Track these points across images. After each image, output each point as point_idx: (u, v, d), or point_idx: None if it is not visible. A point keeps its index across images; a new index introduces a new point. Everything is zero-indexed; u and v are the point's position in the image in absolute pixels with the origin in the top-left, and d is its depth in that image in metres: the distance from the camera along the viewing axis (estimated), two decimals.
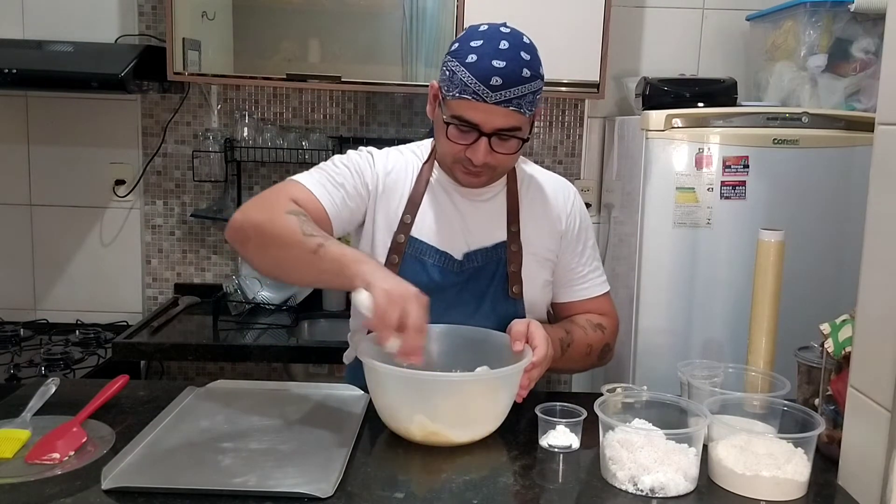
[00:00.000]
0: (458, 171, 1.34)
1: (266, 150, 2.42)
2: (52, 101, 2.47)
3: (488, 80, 1.21)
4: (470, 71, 1.23)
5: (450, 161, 1.34)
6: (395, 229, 1.37)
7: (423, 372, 1.12)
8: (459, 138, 1.28)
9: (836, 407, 1.10)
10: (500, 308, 1.38)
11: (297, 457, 1.07)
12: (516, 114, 1.25)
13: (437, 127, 1.34)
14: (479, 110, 1.24)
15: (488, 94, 1.22)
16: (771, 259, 1.25)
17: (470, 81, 1.22)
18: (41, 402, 1.20)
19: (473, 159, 1.27)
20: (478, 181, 1.34)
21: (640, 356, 2.06)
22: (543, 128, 2.56)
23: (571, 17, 2.18)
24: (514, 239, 1.39)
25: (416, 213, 1.38)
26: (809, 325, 1.18)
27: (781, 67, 2.16)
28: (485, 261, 1.38)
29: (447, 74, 1.27)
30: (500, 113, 1.24)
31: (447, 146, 1.31)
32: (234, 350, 2.13)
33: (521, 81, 1.23)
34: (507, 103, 1.23)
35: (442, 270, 1.37)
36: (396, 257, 1.36)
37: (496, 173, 1.34)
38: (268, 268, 1.30)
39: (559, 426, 1.14)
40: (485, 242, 1.38)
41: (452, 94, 1.26)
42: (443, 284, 1.35)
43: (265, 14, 2.27)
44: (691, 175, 1.96)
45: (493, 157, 1.28)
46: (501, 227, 1.39)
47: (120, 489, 0.96)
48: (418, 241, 1.37)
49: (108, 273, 2.54)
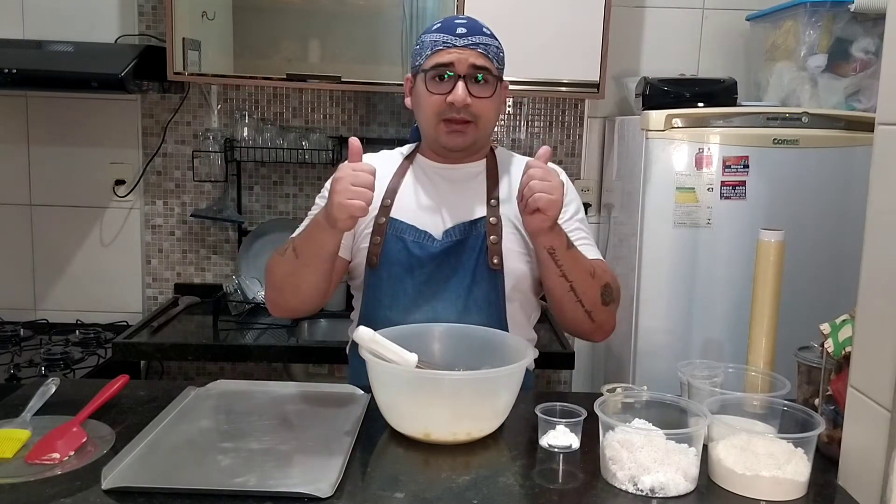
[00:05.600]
0: (442, 133, 1.41)
1: (266, 150, 2.42)
2: (52, 101, 2.47)
3: (454, 30, 1.39)
4: (436, 31, 1.40)
5: (434, 123, 1.41)
6: (377, 213, 1.43)
7: (424, 370, 1.13)
8: (438, 87, 1.39)
9: (836, 407, 1.10)
10: (480, 280, 1.41)
11: (297, 457, 1.07)
12: (485, 57, 1.39)
13: (417, 102, 1.44)
14: (451, 53, 1.38)
15: (456, 39, 1.38)
16: (771, 259, 1.25)
17: (438, 37, 1.39)
18: (41, 402, 1.20)
19: (455, 100, 1.37)
20: (463, 139, 1.41)
21: (640, 356, 2.06)
22: (543, 128, 2.56)
23: (571, 17, 2.18)
24: (494, 212, 1.44)
25: (396, 196, 1.46)
26: (809, 325, 1.18)
27: (781, 67, 2.16)
28: (464, 234, 1.42)
29: (416, 49, 1.44)
30: (470, 54, 1.38)
31: (429, 105, 1.40)
32: (234, 350, 2.13)
33: (484, 33, 1.41)
34: (474, 46, 1.38)
35: (421, 246, 1.42)
36: (378, 238, 1.43)
37: (479, 129, 1.42)
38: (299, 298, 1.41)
39: (559, 426, 1.14)
40: (465, 218, 1.43)
41: (425, 56, 1.40)
42: (422, 259, 1.41)
43: (265, 14, 2.28)
44: (691, 175, 1.96)
45: (473, 103, 1.38)
46: (482, 202, 1.45)
47: (120, 489, 0.96)
48: (398, 220, 1.43)
49: (108, 273, 2.54)
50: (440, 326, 1.33)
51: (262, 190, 2.55)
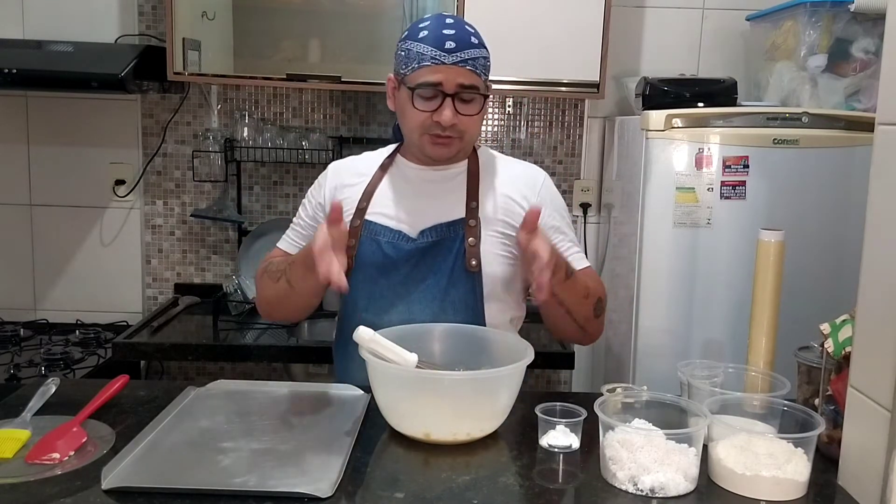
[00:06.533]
0: (427, 144, 1.39)
1: (266, 150, 2.42)
2: (52, 101, 2.47)
3: (443, 45, 1.33)
4: (424, 42, 1.34)
5: (418, 134, 1.39)
6: (352, 216, 1.43)
7: (424, 370, 1.13)
8: (425, 105, 1.35)
9: (836, 407, 1.10)
10: (456, 282, 1.40)
11: (297, 457, 1.07)
12: (473, 74, 1.35)
13: (401, 109, 1.41)
14: (439, 72, 1.33)
15: (445, 56, 1.33)
16: (771, 259, 1.25)
17: (426, 50, 1.34)
18: (41, 402, 1.20)
19: (442, 120, 1.34)
20: (447, 150, 1.40)
21: (640, 356, 2.06)
22: (543, 128, 2.56)
23: (571, 17, 2.18)
24: (473, 214, 1.42)
25: (371, 198, 1.45)
26: (809, 325, 1.18)
27: (781, 67, 2.16)
28: (441, 235, 1.41)
29: (402, 55, 1.38)
30: (458, 72, 1.34)
31: (414, 118, 1.37)
32: (234, 350, 2.13)
33: (472, 45, 1.36)
34: (463, 63, 1.34)
35: (395, 246, 1.41)
36: (353, 240, 1.41)
37: (464, 142, 1.40)
38: (291, 314, 1.51)
39: (559, 426, 1.14)
40: (442, 219, 1.42)
41: (412, 68, 1.35)
42: (396, 260, 1.40)
43: (265, 14, 2.27)
44: (691, 175, 1.96)
45: (459, 119, 1.36)
46: (461, 204, 1.43)
47: (120, 489, 0.96)
48: (372, 223, 1.43)
49: (108, 273, 2.55)
50: (440, 326, 1.33)
51: (262, 190, 2.55)
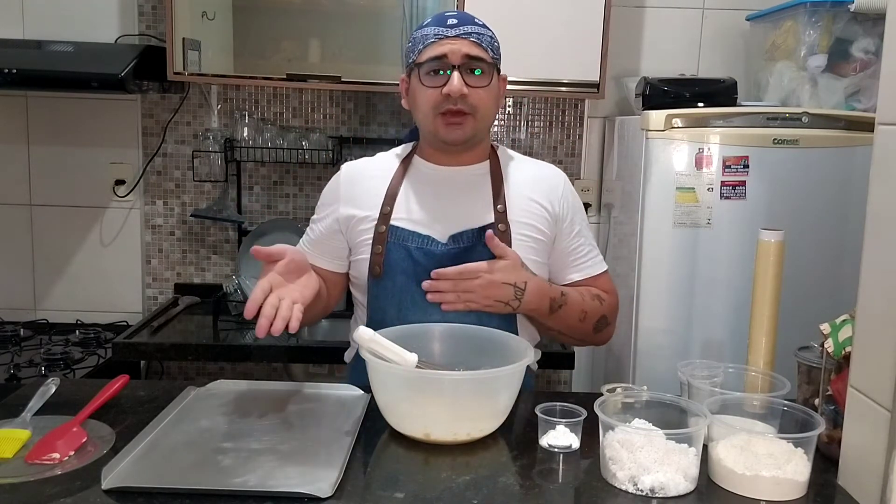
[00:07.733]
0: (440, 127, 1.38)
1: (266, 150, 2.42)
2: (52, 101, 2.47)
3: (445, 22, 1.38)
4: (428, 26, 1.39)
5: (432, 117, 1.39)
6: (376, 221, 1.41)
7: (424, 370, 1.13)
8: (434, 80, 1.37)
9: (836, 407, 1.10)
10: None
11: (297, 457, 1.07)
12: (478, 46, 1.37)
13: (413, 99, 1.42)
14: (443, 45, 1.36)
15: (448, 30, 1.37)
16: (771, 259, 1.25)
17: (429, 31, 1.38)
18: (41, 402, 1.20)
19: (451, 91, 1.34)
20: (461, 131, 1.38)
21: (640, 356, 2.06)
22: (543, 128, 2.56)
23: (571, 17, 2.18)
24: (502, 219, 1.41)
25: (395, 203, 1.43)
26: (809, 325, 1.18)
27: (781, 67, 2.16)
28: (472, 241, 1.39)
29: (409, 46, 1.43)
30: (463, 43, 1.36)
31: (426, 100, 1.38)
32: (234, 350, 2.13)
33: (476, 23, 1.39)
34: (467, 35, 1.37)
35: (426, 253, 1.39)
36: (380, 247, 1.40)
37: (477, 120, 1.39)
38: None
39: (559, 426, 1.14)
40: (472, 224, 1.41)
41: (418, 50, 1.39)
42: (427, 267, 1.37)
43: (265, 14, 2.27)
44: (691, 175, 1.96)
45: (470, 93, 1.36)
46: (488, 208, 1.42)
47: (120, 489, 0.96)
48: (399, 228, 1.41)
49: (108, 273, 2.54)
50: (440, 326, 1.33)
51: (262, 190, 2.55)
